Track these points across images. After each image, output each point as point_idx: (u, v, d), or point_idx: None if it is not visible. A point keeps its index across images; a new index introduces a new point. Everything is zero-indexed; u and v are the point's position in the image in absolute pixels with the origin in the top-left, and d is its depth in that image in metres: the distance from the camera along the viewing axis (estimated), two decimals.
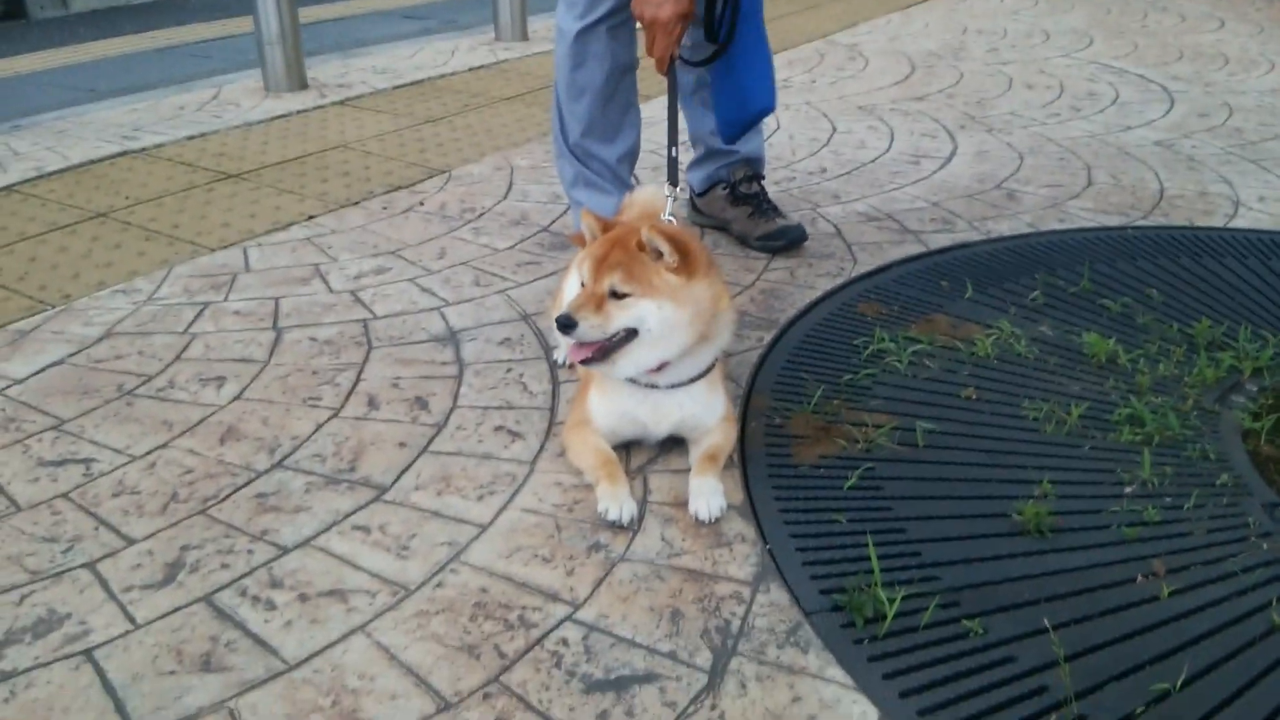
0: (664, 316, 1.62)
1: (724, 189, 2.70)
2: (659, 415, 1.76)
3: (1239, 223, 2.83)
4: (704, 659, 1.37)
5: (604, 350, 1.62)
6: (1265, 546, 1.55)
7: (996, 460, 1.75)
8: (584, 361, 1.65)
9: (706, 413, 1.77)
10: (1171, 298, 2.36)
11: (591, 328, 1.60)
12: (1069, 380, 1.98)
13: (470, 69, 4.65)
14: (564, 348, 1.90)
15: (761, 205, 2.66)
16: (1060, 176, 3.19)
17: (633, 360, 1.66)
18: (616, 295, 1.60)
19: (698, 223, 2.75)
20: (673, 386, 1.72)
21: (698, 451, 1.77)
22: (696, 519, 1.65)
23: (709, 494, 1.67)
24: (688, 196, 2.81)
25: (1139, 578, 1.51)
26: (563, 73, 2.41)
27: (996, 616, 1.43)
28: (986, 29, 5.44)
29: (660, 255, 1.62)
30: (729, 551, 1.59)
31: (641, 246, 1.61)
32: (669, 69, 2.09)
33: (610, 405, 1.76)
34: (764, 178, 2.74)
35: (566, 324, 1.59)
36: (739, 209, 2.68)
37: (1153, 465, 1.73)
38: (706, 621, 1.44)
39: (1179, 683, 1.30)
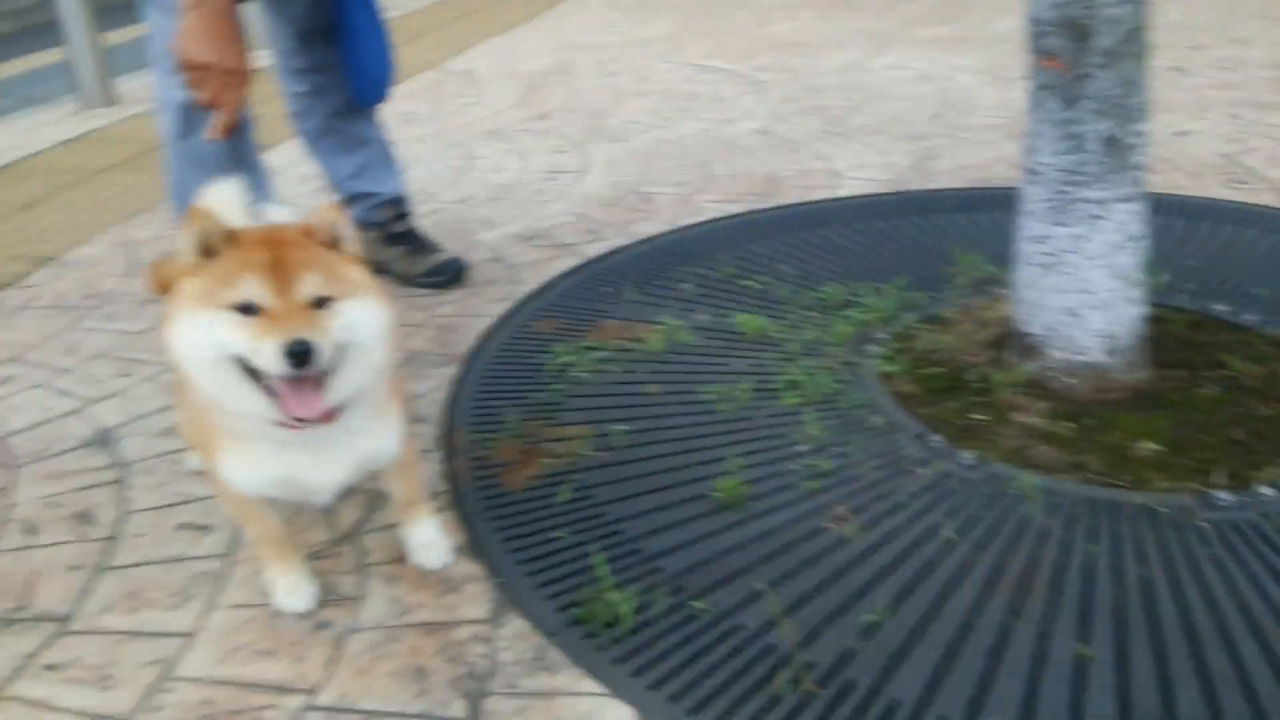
0: (374, 320, 1.38)
1: (375, 232, 2.78)
2: (325, 469, 1.49)
3: (841, 192, 3.43)
4: (459, 708, 1.50)
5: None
6: (924, 472, 1.98)
7: (688, 446, 2.06)
8: (322, 418, 1.36)
9: (386, 446, 1.56)
10: (801, 269, 2.85)
11: (326, 350, 1.30)
12: (732, 359, 2.36)
13: (59, 144, 4.40)
14: (267, 410, 1.39)
15: (415, 242, 2.80)
16: (684, 174, 3.66)
17: (344, 387, 1.39)
18: (319, 303, 1.33)
19: None
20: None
21: (397, 494, 1.73)
22: (426, 569, 1.74)
23: (432, 540, 1.77)
24: None
25: (827, 525, 1.82)
26: (172, 144, 2.34)
27: (718, 591, 1.71)
28: (588, 44, 5.95)
29: (338, 242, 1.40)
30: (460, 595, 1.71)
31: (310, 234, 1.37)
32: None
33: (252, 467, 1.47)
34: (411, 213, 2.83)
35: (304, 351, 1.26)
36: (394, 249, 2.80)
37: (817, 422, 2.10)
38: (453, 671, 1.57)
39: (883, 611, 1.64)
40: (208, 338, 1.30)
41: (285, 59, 2.60)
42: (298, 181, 3.66)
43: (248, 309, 1.29)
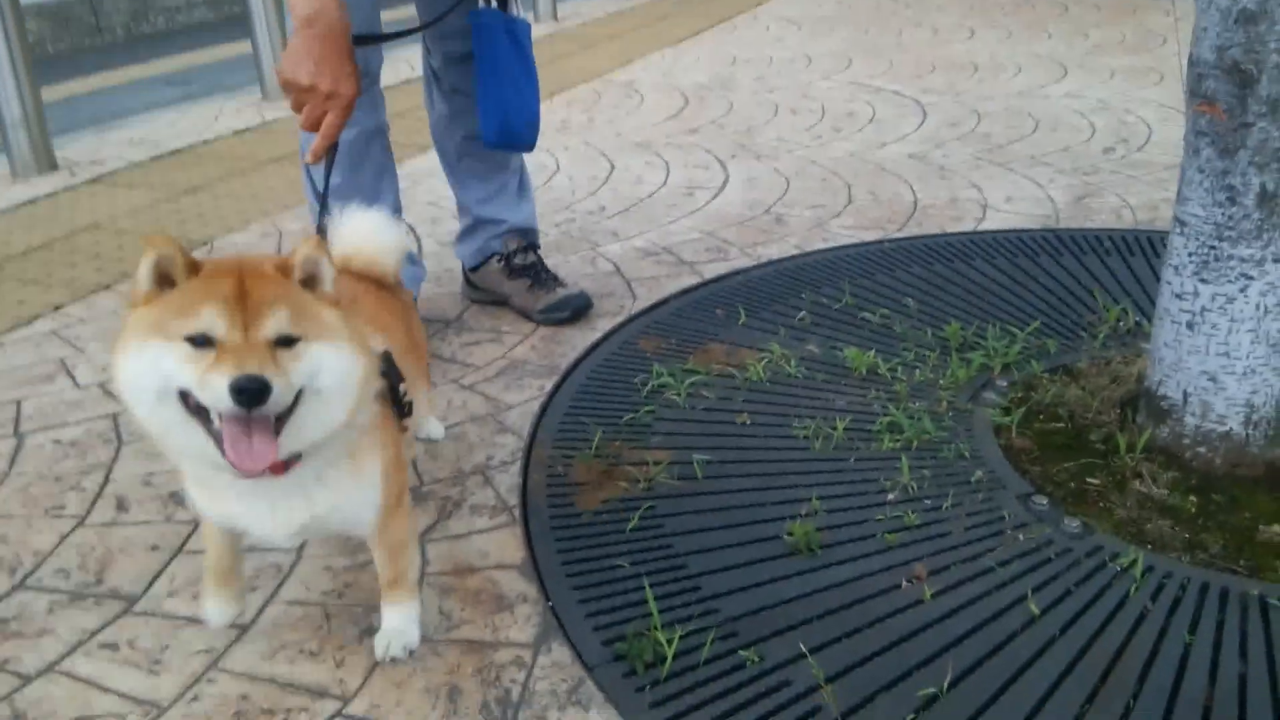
0: (342, 366, 1.26)
1: (499, 261, 2.78)
2: (274, 519, 1.39)
3: (987, 225, 3.27)
4: None
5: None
6: (1021, 538, 1.83)
7: (770, 483, 1.97)
8: (270, 470, 1.26)
9: (355, 509, 1.44)
10: (926, 304, 2.71)
11: (283, 391, 1.18)
12: (835, 395, 2.26)
13: (235, 133, 4.68)
14: (214, 444, 1.26)
15: (540, 276, 2.76)
16: (823, 197, 3.56)
17: (297, 437, 1.27)
18: (282, 342, 1.22)
19: (474, 299, 2.80)
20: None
21: (378, 566, 1.60)
22: (376, 656, 1.59)
23: (396, 629, 1.60)
24: (461, 272, 2.85)
25: (903, 583, 1.73)
26: (305, 140, 2.41)
27: (772, 641, 1.62)
28: (753, 58, 5.91)
29: (316, 280, 1.30)
30: (510, 615, 1.69)
31: (285, 271, 1.26)
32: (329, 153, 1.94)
33: (205, 500, 1.41)
34: (539, 246, 2.82)
35: (257, 390, 1.15)
36: (516, 282, 2.76)
37: (911, 470, 1.99)
38: (485, 694, 1.54)
39: (945, 685, 1.52)
40: (154, 369, 1.19)
41: (431, 77, 2.64)
42: (436, 189, 3.70)
43: (202, 341, 1.18)
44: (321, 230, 1.73)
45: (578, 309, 2.68)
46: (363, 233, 1.75)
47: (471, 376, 2.39)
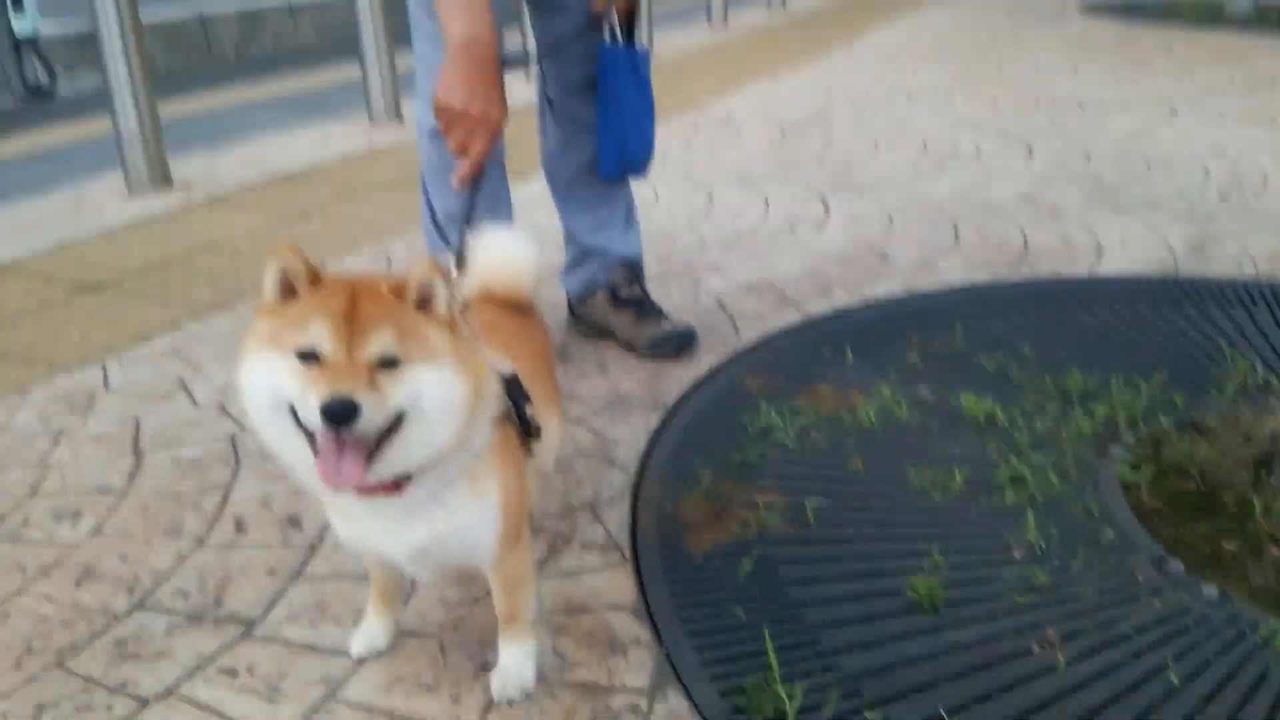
0: (445, 390, 1.25)
1: (604, 293, 2.74)
2: (398, 537, 1.40)
3: (1103, 269, 3.17)
4: None
5: (370, 453, 1.22)
6: (1157, 604, 1.74)
7: (887, 532, 1.91)
8: (362, 490, 1.30)
9: (475, 530, 1.44)
10: (1043, 351, 2.62)
11: (374, 414, 1.19)
12: (950, 443, 2.18)
13: (344, 156, 4.77)
14: (308, 463, 1.27)
15: (645, 308, 2.72)
16: (929, 236, 3.48)
17: (401, 459, 1.27)
18: (386, 364, 1.22)
19: (578, 330, 2.79)
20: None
21: (495, 601, 1.59)
22: (491, 694, 1.58)
23: (512, 667, 1.60)
24: (566, 303, 2.84)
25: (1034, 647, 1.65)
26: (426, 165, 2.43)
27: (897, 704, 1.55)
28: (853, 93, 5.88)
29: (429, 302, 1.28)
30: (624, 659, 1.65)
31: (399, 292, 1.26)
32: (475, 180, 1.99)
33: (339, 519, 1.45)
34: (645, 278, 2.79)
35: (343, 412, 1.16)
36: (622, 314, 2.73)
37: (1037, 526, 1.91)
38: None
39: None
40: (268, 380, 1.23)
41: (546, 105, 2.63)
42: (537, 219, 3.71)
43: (310, 356, 1.20)
44: (460, 255, 1.77)
45: (683, 344, 2.63)
46: (500, 252, 1.77)
47: (578, 410, 2.37)
